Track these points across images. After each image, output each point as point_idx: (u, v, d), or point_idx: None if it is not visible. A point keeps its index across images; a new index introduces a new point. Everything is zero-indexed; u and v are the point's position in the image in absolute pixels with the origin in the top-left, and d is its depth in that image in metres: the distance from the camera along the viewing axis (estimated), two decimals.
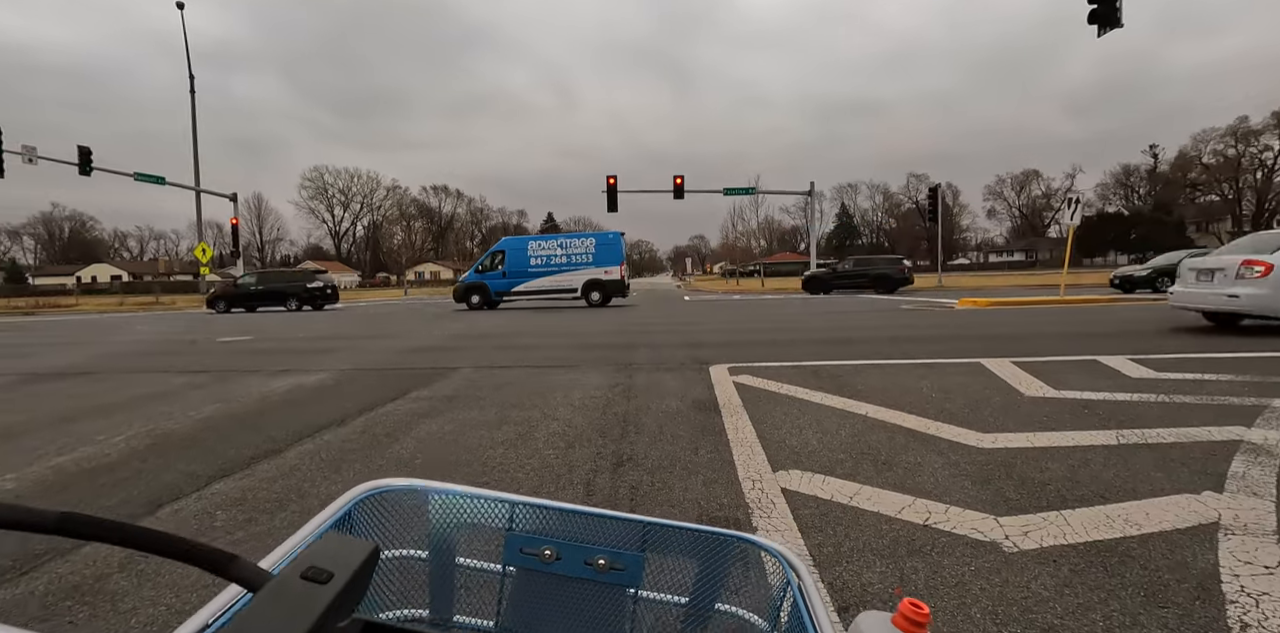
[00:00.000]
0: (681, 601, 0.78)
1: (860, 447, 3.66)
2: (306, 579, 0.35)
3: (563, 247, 21.71)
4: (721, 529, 0.77)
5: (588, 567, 0.76)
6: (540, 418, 4.55)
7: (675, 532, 0.77)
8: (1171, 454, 3.37)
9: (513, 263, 21.69)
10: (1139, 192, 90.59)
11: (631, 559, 0.76)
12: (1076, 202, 16.36)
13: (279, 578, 0.35)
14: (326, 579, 0.35)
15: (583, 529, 0.78)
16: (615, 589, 0.76)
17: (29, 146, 24.64)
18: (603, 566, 0.76)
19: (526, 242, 22.23)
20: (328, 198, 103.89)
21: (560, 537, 0.77)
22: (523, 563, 0.78)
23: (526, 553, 0.77)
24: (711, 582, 0.76)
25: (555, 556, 0.76)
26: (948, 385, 5.33)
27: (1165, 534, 2.41)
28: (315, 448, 3.92)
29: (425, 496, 0.80)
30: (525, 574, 0.78)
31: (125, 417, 4.96)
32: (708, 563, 0.76)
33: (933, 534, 2.47)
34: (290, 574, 0.35)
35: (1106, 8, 13.69)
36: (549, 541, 0.77)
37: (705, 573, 0.76)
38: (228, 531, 2.64)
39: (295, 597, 0.34)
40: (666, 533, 0.77)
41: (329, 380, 6.51)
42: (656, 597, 0.78)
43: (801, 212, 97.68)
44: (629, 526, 0.77)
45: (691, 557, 0.77)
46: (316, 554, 0.37)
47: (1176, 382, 5.22)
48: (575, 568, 0.76)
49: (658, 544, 0.77)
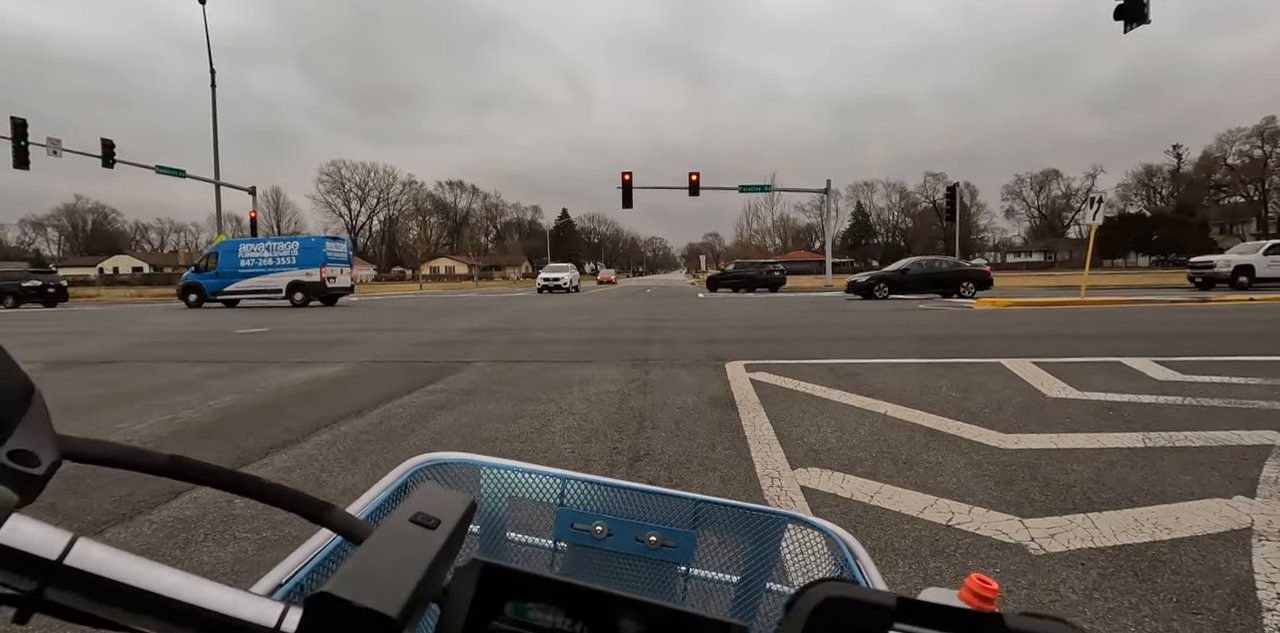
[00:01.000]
0: (733, 579, 0.76)
1: (880, 445, 3.61)
2: (416, 523, 0.36)
3: (270, 250, 22.60)
4: (773, 508, 0.75)
5: (639, 543, 0.75)
6: (556, 412, 4.54)
7: (727, 510, 0.76)
8: (1200, 458, 3.29)
9: (225, 264, 22.62)
10: (1161, 192, 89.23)
11: (683, 536, 0.75)
12: (1098, 201, 16.10)
13: (391, 522, 0.36)
14: (434, 525, 0.36)
15: (633, 505, 0.76)
16: (667, 566, 0.75)
17: (54, 139, 24.97)
18: (654, 542, 0.74)
19: (238, 244, 23.21)
20: (344, 192, 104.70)
21: (611, 513, 0.76)
22: (574, 539, 0.77)
23: (578, 528, 0.76)
24: (763, 561, 0.75)
25: (607, 531, 0.75)
26: (968, 385, 5.27)
27: (1196, 539, 2.35)
28: (332, 438, 3.93)
29: (477, 469, 0.79)
30: (576, 550, 0.77)
31: (145, 405, 5.01)
32: (759, 542, 0.75)
33: (956, 535, 2.43)
34: (399, 519, 0.36)
35: (1134, 3, 13.45)
36: (601, 516, 0.76)
37: (757, 552, 0.75)
38: (246, 519, 2.65)
39: (408, 539, 0.35)
40: (718, 511, 0.76)
41: (346, 372, 6.54)
42: (708, 575, 0.77)
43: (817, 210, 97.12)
44: (680, 502, 0.76)
45: (743, 535, 0.75)
46: (420, 502, 0.37)
47: (1203, 385, 5.11)
48: (627, 544, 0.75)
49: (709, 522, 0.76)
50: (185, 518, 2.68)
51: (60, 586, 0.29)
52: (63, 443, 0.35)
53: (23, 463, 0.32)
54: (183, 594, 0.31)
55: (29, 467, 0.32)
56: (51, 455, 0.33)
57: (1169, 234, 68.57)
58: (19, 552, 0.29)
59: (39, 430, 0.34)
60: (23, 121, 22.67)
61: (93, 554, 0.30)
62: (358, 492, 2.98)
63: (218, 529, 2.57)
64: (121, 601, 0.30)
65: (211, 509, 2.77)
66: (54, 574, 0.29)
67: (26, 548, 0.29)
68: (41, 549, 0.29)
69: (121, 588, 0.30)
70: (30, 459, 0.32)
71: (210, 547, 2.41)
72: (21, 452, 0.32)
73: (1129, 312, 13.27)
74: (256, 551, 2.36)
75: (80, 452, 0.36)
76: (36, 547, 0.29)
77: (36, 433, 0.34)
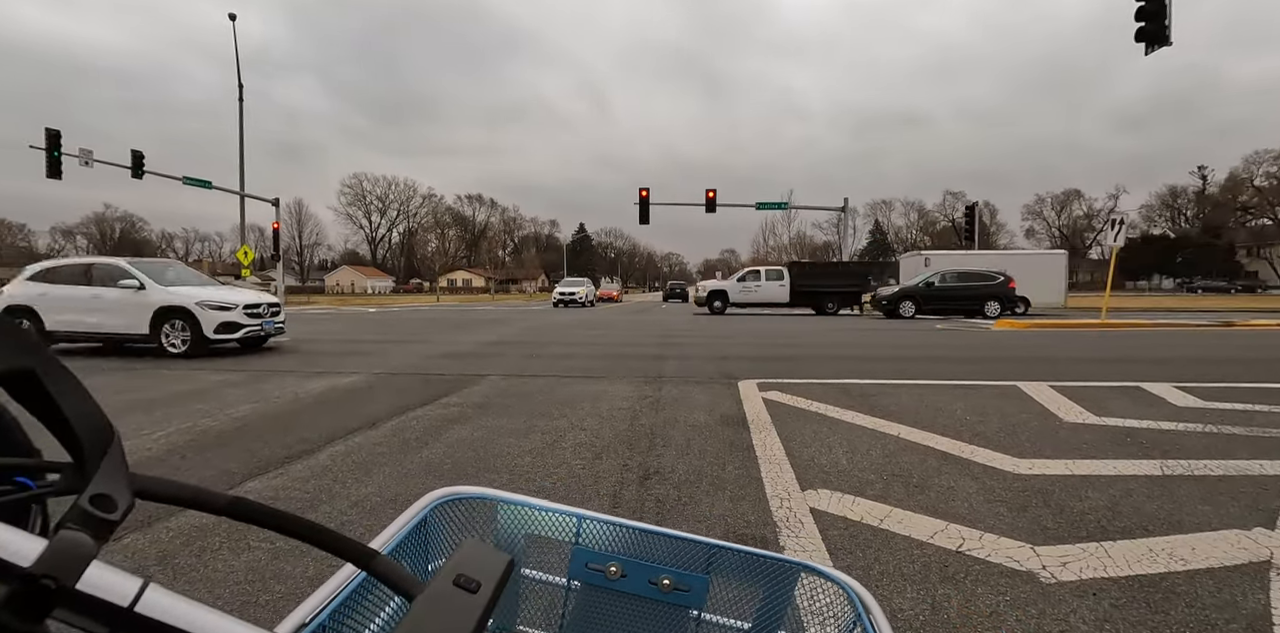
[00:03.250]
0: (744, 626, 0.76)
1: (891, 468, 3.59)
2: (459, 587, 0.36)
3: None
4: (788, 557, 0.76)
5: (652, 586, 0.75)
6: (568, 428, 4.56)
7: (740, 556, 0.76)
8: (1219, 487, 3.24)
9: None
10: (1185, 214, 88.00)
11: (697, 581, 0.75)
12: (1120, 223, 15.96)
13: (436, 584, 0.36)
14: (476, 588, 0.36)
15: (648, 547, 0.77)
16: (678, 610, 0.76)
17: (86, 150, 25.63)
18: (667, 585, 0.75)
19: None
20: (365, 204, 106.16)
21: (626, 554, 0.77)
22: (587, 578, 0.77)
23: (592, 568, 0.77)
24: (775, 609, 0.75)
25: (620, 572, 0.76)
26: (983, 408, 5.22)
27: (1213, 571, 2.31)
28: (347, 450, 3.98)
29: (495, 505, 0.80)
30: (589, 590, 0.78)
31: (165, 413, 5.10)
32: (772, 590, 0.75)
33: (966, 561, 2.40)
34: (444, 581, 0.37)
35: (1155, 26, 13.43)
36: (615, 557, 0.77)
37: (769, 600, 0.75)
38: (259, 529, 2.68)
39: (452, 603, 0.35)
40: (732, 557, 0.76)
41: (361, 383, 6.62)
42: (719, 620, 0.77)
43: (834, 227, 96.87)
44: (694, 547, 0.76)
45: (755, 582, 0.76)
46: (463, 563, 0.38)
47: (1224, 412, 5.03)
48: (640, 586, 0.76)
49: (722, 567, 0.76)
50: (201, 526, 2.73)
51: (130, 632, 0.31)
52: (135, 483, 0.37)
53: (102, 509, 0.33)
54: None
55: (108, 513, 0.33)
56: (127, 500, 0.35)
57: (1194, 257, 67.53)
58: (97, 600, 0.30)
59: (116, 473, 0.36)
60: (57, 133, 23.33)
61: (161, 603, 0.32)
62: (370, 504, 3.02)
63: (232, 538, 2.61)
64: None
65: (226, 518, 2.81)
66: (125, 621, 0.30)
67: (103, 596, 0.30)
68: (116, 597, 0.31)
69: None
70: (109, 505, 0.34)
71: (225, 555, 2.45)
72: (102, 496, 0.34)
73: (1151, 335, 13.07)
74: (270, 560, 2.40)
75: (151, 491, 0.38)
76: (112, 594, 0.31)
77: (114, 476, 0.35)
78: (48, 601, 0.29)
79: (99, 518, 0.33)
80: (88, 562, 0.30)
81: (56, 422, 0.36)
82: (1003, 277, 20.62)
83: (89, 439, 0.36)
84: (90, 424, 0.36)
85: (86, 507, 0.33)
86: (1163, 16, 12.86)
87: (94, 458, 0.35)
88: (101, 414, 0.37)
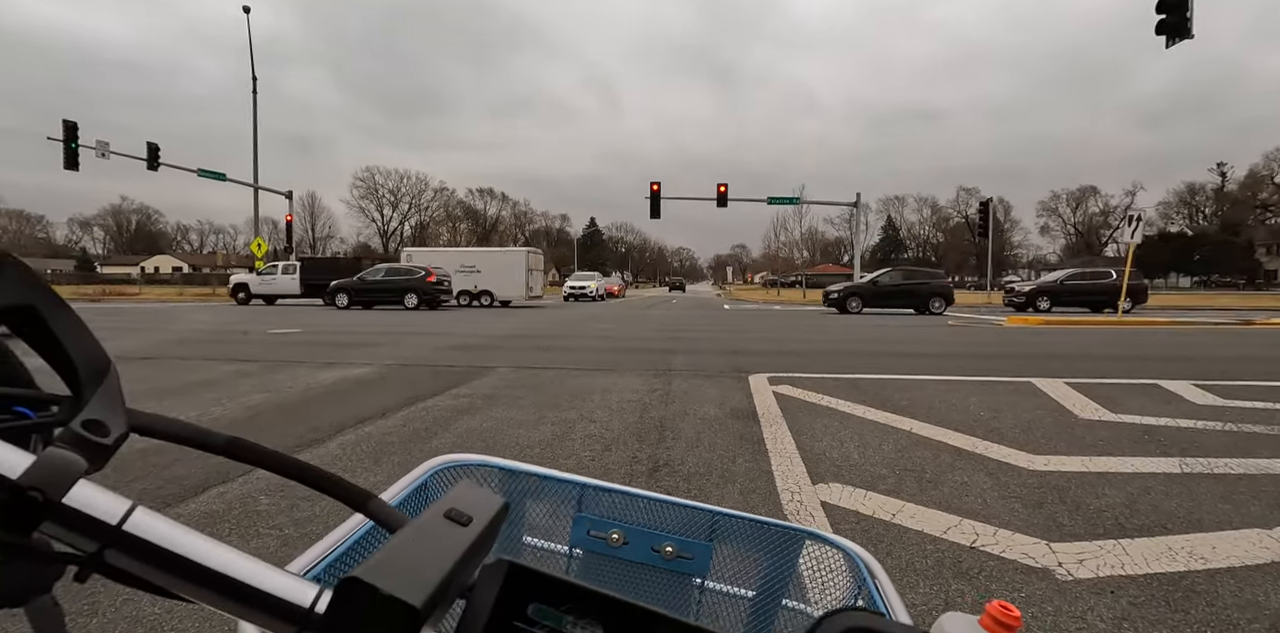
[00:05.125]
0: (748, 593, 0.76)
1: (904, 463, 3.55)
2: (449, 519, 0.36)
3: None
4: (792, 524, 0.75)
5: (655, 553, 0.75)
6: (577, 419, 4.54)
7: (744, 523, 0.75)
8: (1239, 486, 3.18)
9: None
10: (1204, 211, 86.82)
11: (700, 548, 0.74)
12: (1138, 219, 15.74)
13: (425, 516, 0.36)
14: (467, 522, 0.36)
15: (650, 515, 0.76)
16: (682, 578, 0.75)
17: (102, 142, 25.86)
18: (670, 553, 0.74)
19: None
20: (378, 197, 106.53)
21: (628, 522, 0.76)
22: (589, 546, 0.77)
23: (594, 536, 0.76)
24: (779, 576, 0.74)
25: (623, 540, 0.75)
26: (996, 404, 5.16)
27: (1234, 570, 2.27)
28: (357, 439, 3.98)
29: (497, 472, 0.80)
30: (591, 557, 0.77)
31: (177, 402, 5.13)
32: (776, 557, 0.74)
33: (980, 557, 2.37)
34: (434, 514, 0.37)
35: (1176, 18, 13.19)
36: (618, 524, 0.76)
37: (773, 567, 0.74)
38: (270, 516, 2.69)
39: (440, 533, 0.35)
40: (735, 524, 0.75)
41: (372, 374, 6.63)
42: (723, 588, 0.76)
43: (846, 223, 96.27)
44: (697, 514, 0.76)
45: (759, 549, 0.75)
46: (455, 499, 0.38)
47: (1244, 410, 4.94)
48: (643, 554, 0.75)
49: (726, 535, 0.75)
50: (211, 512, 2.74)
51: (119, 549, 0.31)
52: (132, 417, 0.37)
53: (94, 433, 0.34)
54: (230, 569, 0.33)
55: (100, 437, 0.34)
56: (121, 428, 0.36)
57: (1212, 255, 66.68)
58: (84, 515, 0.31)
59: (112, 404, 0.36)
60: (74, 124, 23.54)
61: (150, 523, 0.32)
62: (377, 491, 3.01)
63: (242, 524, 2.62)
64: (173, 569, 0.32)
65: (237, 505, 2.82)
66: (114, 538, 0.31)
67: (91, 512, 0.31)
68: (104, 514, 0.31)
69: (174, 557, 0.32)
70: (101, 429, 0.34)
71: (234, 542, 2.44)
72: (94, 422, 0.35)
73: (1168, 333, 12.90)
74: (279, 547, 2.40)
75: (147, 426, 0.38)
76: (100, 511, 0.31)
77: (109, 406, 0.36)
78: (35, 513, 0.29)
79: (92, 441, 0.33)
80: (76, 479, 0.31)
81: (56, 357, 0.37)
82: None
83: (86, 372, 0.37)
84: (89, 358, 0.37)
85: (77, 429, 0.34)
86: (1184, 8, 12.63)
87: (90, 389, 0.36)
88: (100, 349, 0.38)
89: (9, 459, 0.30)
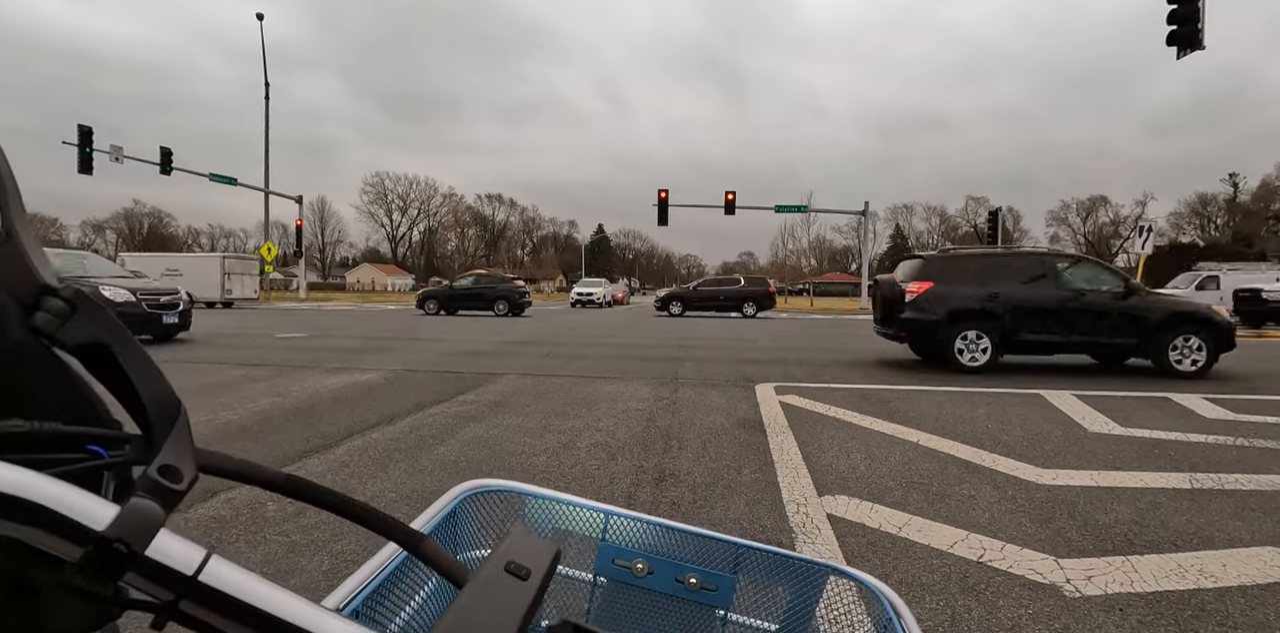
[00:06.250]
0: (771, 627, 0.76)
1: (910, 475, 3.54)
2: (510, 573, 0.37)
3: None
4: (817, 559, 0.75)
5: (679, 584, 0.75)
6: (583, 428, 4.55)
7: (768, 557, 0.75)
8: (1251, 503, 3.15)
9: None
10: (1215, 222, 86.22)
11: (724, 580, 0.75)
12: (1148, 230, 15.65)
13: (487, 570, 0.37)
14: (526, 575, 0.37)
15: (675, 545, 0.77)
16: (705, 610, 0.75)
17: (116, 146, 26.17)
18: (694, 584, 0.74)
19: None
20: (387, 203, 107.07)
21: (652, 551, 0.76)
22: (614, 574, 0.77)
23: (619, 565, 0.77)
24: (803, 612, 0.74)
25: (647, 570, 0.76)
26: (1004, 416, 5.13)
27: (1245, 589, 2.24)
28: (364, 445, 4.00)
29: (523, 498, 0.80)
30: (615, 586, 0.77)
31: (187, 405, 5.16)
32: (800, 591, 0.74)
33: (987, 572, 2.36)
34: (494, 568, 0.37)
35: (1187, 30, 13.16)
36: (642, 554, 0.76)
37: (797, 601, 0.74)
38: (276, 522, 2.71)
39: (503, 589, 0.36)
40: (759, 557, 0.75)
41: (380, 380, 6.66)
42: (746, 621, 0.76)
43: (854, 231, 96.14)
44: (721, 546, 0.76)
45: (783, 583, 0.75)
46: (512, 550, 0.39)
47: (1256, 425, 4.90)
48: (666, 584, 0.75)
49: (750, 567, 0.76)
50: (220, 517, 2.75)
51: (194, 599, 0.32)
52: (199, 457, 0.38)
53: (170, 479, 0.35)
54: (302, 620, 0.33)
55: (174, 483, 0.35)
56: (192, 472, 0.36)
57: None
58: (164, 566, 0.31)
59: (183, 447, 0.37)
60: (89, 129, 23.82)
61: (223, 572, 0.33)
62: (385, 499, 3.03)
63: (249, 531, 2.63)
64: (245, 618, 0.32)
65: (244, 510, 2.83)
66: (190, 589, 0.32)
67: (170, 563, 0.31)
68: (182, 565, 0.32)
69: (246, 608, 0.32)
70: (176, 476, 0.35)
71: (241, 548, 2.46)
72: (169, 467, 0.35)
73: None
74: (285, 553, 2.41)
75: (214, 466, 0.39)
76: (178, 562, 0.32)
77: (181, 450, 0.37)
78: (120, 564, 0.30)
79: (167, 488, 0.34)
80: (157, 529, 0.31)
81: (128, 395, 0.38)
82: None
83: (157, 413, 0.37)
84: (159, 398, 0.38)
85: (155, 477, 0.34)
86: (1195, 19, 12.60)
87: (162, 431, 0.37)
88: (170, 389, 0.39)
89: (91, 509, 0.31)
